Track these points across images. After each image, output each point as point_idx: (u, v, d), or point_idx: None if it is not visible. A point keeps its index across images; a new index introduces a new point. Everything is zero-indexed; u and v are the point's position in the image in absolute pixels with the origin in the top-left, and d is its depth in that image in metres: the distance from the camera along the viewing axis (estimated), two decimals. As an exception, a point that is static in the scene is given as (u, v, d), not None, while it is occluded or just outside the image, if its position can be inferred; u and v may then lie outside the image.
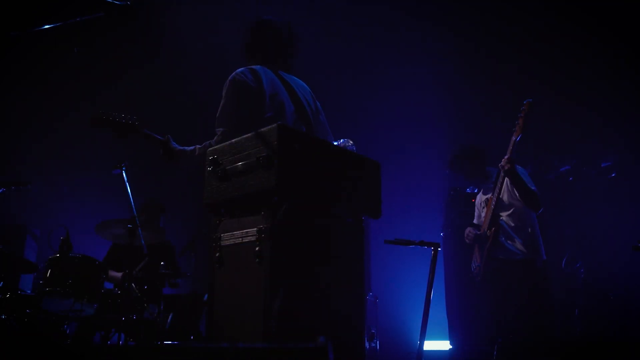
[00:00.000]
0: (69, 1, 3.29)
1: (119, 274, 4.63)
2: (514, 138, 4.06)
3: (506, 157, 4.06)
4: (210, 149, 2.52)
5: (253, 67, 2.92)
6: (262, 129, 2.29)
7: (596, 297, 5.08)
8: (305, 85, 3.15)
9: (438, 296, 5.50)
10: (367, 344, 5.24)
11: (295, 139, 2.29)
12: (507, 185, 4.17)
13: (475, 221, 4.71)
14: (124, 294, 3.91)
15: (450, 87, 6.58)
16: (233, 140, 2.41)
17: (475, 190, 5.82)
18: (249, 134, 2.34)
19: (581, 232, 5.42)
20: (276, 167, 2.17)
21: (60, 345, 3.17)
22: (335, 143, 2.89)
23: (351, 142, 2.87)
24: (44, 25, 2.63)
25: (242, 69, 2.89)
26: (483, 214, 4.47)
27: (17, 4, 4.86)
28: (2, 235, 6.00)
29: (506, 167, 4.02)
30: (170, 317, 4.66)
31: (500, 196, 4.20)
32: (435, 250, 3.50)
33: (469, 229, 4.49)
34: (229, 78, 2.85)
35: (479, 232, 4.37)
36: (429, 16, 6.40)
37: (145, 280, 4.51)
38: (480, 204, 4.62)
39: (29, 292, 4.42)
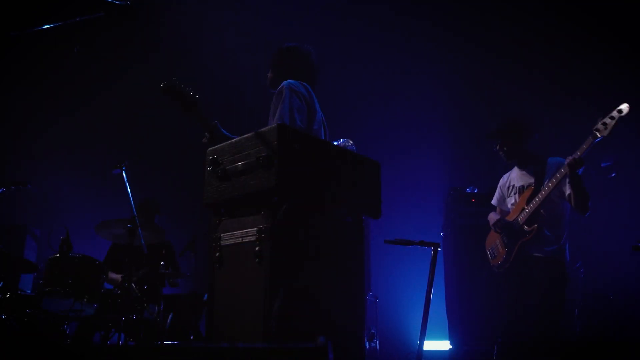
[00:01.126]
0: (69, 1, 3.29)
1: (119, 276, 4.63)
2: (596, 136, 3.65)
3: (578, 155, 3.67)
4: (210, 148, 2.52)
5: (303, 82, 3.03)
6: (262, 129, 2.29)
7: (596, 297, 5.08)
8: None
9: (438, 296, 5.50)
10: (367, 344, 5.24)
11: (295, 139, 2.29)
12: (558, 182, 3.81)
13: (494, 202, 4.33)
14: (124, 294, 3.91)
15: (451, 86, 6.58)
16: (233, 140, 2.41)
17: (476, 190, 5.80)
18: (249, 134, 2.34)
19: (581, 232, 5.41)
20: (276, 167, 2.17)
21: (60, 345, 3.17)
22: (335, 143, 2.90)
23: (351, 142, 2.89)
24: (44, 25, 2.62)
25: (295, 81, 2.98)
26: (511, 201, 4.13)
27: (17, 4, 4.86)
28: (2, 235, 6.00)
29: (574, 167, 3.67)
30: (170, 317, 4.66)
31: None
32: (435, 250, 3.49)
33: (498, 218, 4.11)
34: (286, 86, 2.91)
35: (509, 221, 4.00)
36: (429, 16, 6.40)
37: (145, 280, 4.51)
38: (508, 187, 4.20)
39: (29, 292, 4.42)
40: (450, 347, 5.63)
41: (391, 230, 4.24)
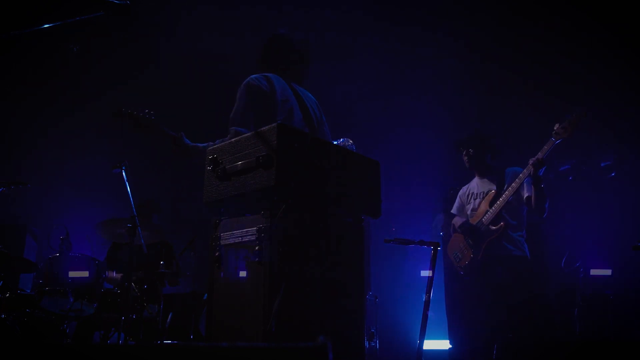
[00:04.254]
0: (69, 1, 3.29)
1: (119, 276, 4.64)
2: (555, 140, 3.93)
3: (540, 157, 3.93)
4: (210, 148, 2.52)
5: (267, 74, 3.06)
6: (262, 129, 2.28)
7: (596, 297, 5.08)
8: (313, 97, 3.29)
9: (438, 296, 5.50)
10: (366, 344, 5.24)
11: (295, 139, 2.28)
12: (521, 182, 4.11)
13: (454, 211, 4.65)
14: (124, 294, 3.91)
15: (451, 86, 6.57)
16: (233, 140, 2.41)
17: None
18: (248, 134, 2.34)
19: (581, 232, 5.42)
20: (276, 167, 2.17)
21: (60, 344, 3.17)
22: (335, 142, 2.89)
23: (351, 141, 2.88)
24: (44, 25, 2.62)
25: (256, 75, 3.03)
26: (470, 207, 4.43)
27: (17, 4, 4.86)
28: (2, 235, 6.00)
29: (537, 168, 3.92)
30: (170, 316, 4.67)
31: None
32: (435, 250, 3.49)
33: (464, 220, 4.40)
34: (244, 82, 2.97)
35: (474, 224, 4.28)
36: (430, 15, 6.40)
37: (144, 279, 4.52)
38: (468, 196, 4.54)
39: (28, 291, 4.43)
40: (450, 347, 5.63)
41: (391, 230, 4.26)
